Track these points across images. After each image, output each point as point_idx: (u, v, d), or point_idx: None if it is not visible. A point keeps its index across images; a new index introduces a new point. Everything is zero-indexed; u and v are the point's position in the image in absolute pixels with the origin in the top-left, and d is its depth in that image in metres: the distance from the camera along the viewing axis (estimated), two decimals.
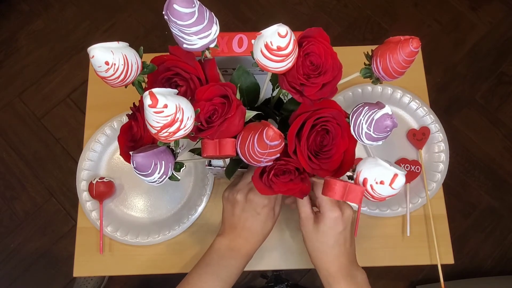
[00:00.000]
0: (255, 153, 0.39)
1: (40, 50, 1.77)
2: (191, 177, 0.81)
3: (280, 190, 0.45)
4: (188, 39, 0.40)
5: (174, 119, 0.34)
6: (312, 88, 0.42)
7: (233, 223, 0.56)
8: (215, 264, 0.55)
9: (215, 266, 0.55)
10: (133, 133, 0.47)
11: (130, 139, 0.47)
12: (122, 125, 0.49)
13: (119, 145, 0.50)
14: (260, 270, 0.96)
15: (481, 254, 1.58)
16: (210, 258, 0.56)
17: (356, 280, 0.51)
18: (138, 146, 0.46)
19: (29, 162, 1.64)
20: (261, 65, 0.40)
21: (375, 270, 1.53)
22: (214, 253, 0.56)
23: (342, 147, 0.44)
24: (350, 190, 0.41)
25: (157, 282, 1.48)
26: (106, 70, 0.38)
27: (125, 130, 0.48)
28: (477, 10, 1.83)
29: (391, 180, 0.38)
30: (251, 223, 0.55)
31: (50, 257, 1.55)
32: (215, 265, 0.55)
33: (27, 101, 1.71)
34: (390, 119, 0.38)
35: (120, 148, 0.49)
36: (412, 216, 0.78)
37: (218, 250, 0.56)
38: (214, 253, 0.56)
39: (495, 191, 1.63)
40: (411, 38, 0.39)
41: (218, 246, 0.56)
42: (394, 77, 0.42)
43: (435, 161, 0.80)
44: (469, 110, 1.72)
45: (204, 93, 0.41)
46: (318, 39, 0.42)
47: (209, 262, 0.56)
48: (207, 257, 0.57)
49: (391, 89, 0.82)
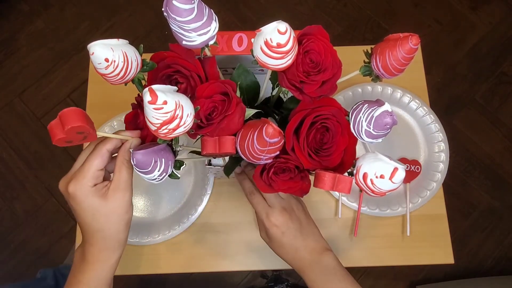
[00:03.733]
0: (255, 151, 0.39)
1: (40, 50, 1.77)
2: (191, 176, 0.81)
3: (280, 188, 0.45)
4: (187, 35, 0.40)
5: (173, 116, 0.34)
6: (311, 86, 0.42)
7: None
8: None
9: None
10: (138, 122, 0.47)
11: (135, 128, 0.47)
12: (126, 115, 0.48)
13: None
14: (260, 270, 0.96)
15: (481, 254, 1.58)
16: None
17: (321, 264, 0.51)
18: (143, 134, 0.46)
19: (29, 162, 1.64)
20: (261, 62, 0.40)
21: (375, 270, 1.53)
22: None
23: (342, 144, 0.44)
24: (340, 181, 0.42)
25: (157, 282, 1.48)
26: (106, 67, 0.38)
27: (129, 119, 0.48)
28: (477, 10, 1.83)
29: (391, 174, 0.38)
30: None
31: (50, 257, 1.55)
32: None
33: (27, 101, 1.71)
34: (389, 116, 0.38)
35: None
36: (412, 216, 0.78)
37: (75, 263, 0.47)
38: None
39: (495, 191, 1.63)
40: (411, 35, 0.39)
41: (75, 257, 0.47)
42: (393, 74, 0.42)
43: (435, 161, 0.80)
44: (469, 110, 1.72)
45: (204, 90, 0.41)
46: (317, 37, 0.42)
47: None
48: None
49: (391, 89, 0.82)
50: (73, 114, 0.36)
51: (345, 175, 0.43)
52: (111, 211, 0.43)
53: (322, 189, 0.43)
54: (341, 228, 0.78)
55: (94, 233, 0.44)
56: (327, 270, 0.51)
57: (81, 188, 0.42)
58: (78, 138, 0.38)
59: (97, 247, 0.45)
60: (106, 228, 0.44)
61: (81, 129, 0.37)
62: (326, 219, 0.79)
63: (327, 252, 0.52)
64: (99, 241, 0.44)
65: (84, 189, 0.42)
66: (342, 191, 0.42)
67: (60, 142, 0.37)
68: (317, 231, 0.55)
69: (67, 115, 0.36)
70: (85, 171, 0.42)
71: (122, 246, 0.47)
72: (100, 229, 0.44)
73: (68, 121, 0.35)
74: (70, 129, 0.36)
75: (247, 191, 0.54)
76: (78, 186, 0.42)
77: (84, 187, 0.42)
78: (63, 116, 0.36)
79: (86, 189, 0.42)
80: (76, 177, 0.42)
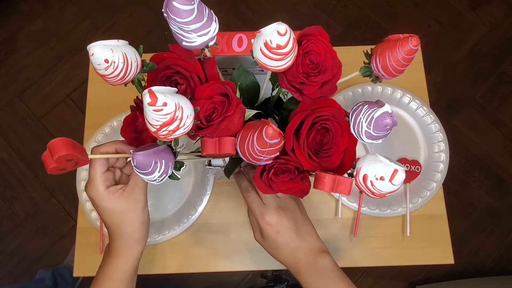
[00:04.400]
0: (255, 152, 0.39)
1: (40, 50, 1.77)
2: (191, 177, 0.81)
3: (280, 189, 0.45)
4: (187, 36, 0.40)
5: (173, 118, 0.34)
6: (311, 87, 0.42)
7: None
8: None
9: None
10: (137, 124, 0.47)
11: (134, 130, 0.47)
12: (125, 117, 0.49)
13: (122, 137, 0.49)
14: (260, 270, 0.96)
15: (481, 254, 1.58)
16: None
17: (317, 266, 0.50)
18: (142, 137, 0.46)
19: (29, 162, 1.65)
20: (261, 63, 0.40)
21: (375, 270, 1.54)
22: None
23: (342, 145, 0.44)
24: (340, 182, 0.42)
25: (157, 282, 1.48)
26: (105, 68, 0.38)
27: (128, 121, 0.48)
28: (477, 10, 1.83)
29: (391, 176, 0.38)
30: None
31: (50, 257, 1.55)
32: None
33: (27, 101, 1.71)
34: (390, 117, 0.38)
35: (125, 140, 0.49)
36: (412, 216, 0.78)
37: (104, 257, 0.51)
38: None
39: (495, 191, 1.63)
40: (410, 36, 0.39)
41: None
42: (393, 75, 0.42)
43: (435, 161, 0.80)
44: (469, 110, 1.72)
45: (204, 91, 0.41)
46: (317, 38, 0.42)
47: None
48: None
49: (391, 89, 0.82)
50: (60, 143, 0.38)
51: (345, 177, 0.43)
52: (126, 211, 0.47)
53: (322, 190, 0.42)
54: (341, 228, 0.78)
55: (114, 231, 0.48)
56: (323, 272, 0.50)
57: (95, 192, 0.46)
58: (69, 165, 0.40)
59: (119, 243, 0.49)
60: (123, 227, 0.48)
61: (69, 157, 0.39)
62: (326, 219, 0.79)
63: (324, 254, 0.51)
64: (119, 238, 0.49)
65: (98, 193, 0.46)
66: (342, 192, 0.42)
67: (54, 171, 0.40)
68: (314, 231, 0.54)
69: (54, 146, 0.38)
70: (92, 177, 0.46)
71: (141, 243, 0.50)
72: (117, 227, 0.48)
73: (55, 151, 0.37)
74: (58, 158, 0.38)
75: (242, 189, 0.54)
76: (92, 190, 0.46)
77: (98, 191, 0.46)
78: (51, 147, 0.38)
79: (99, 192, 0.46)
80: (89, 183, 0.46)
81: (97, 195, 0.46)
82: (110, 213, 0.47)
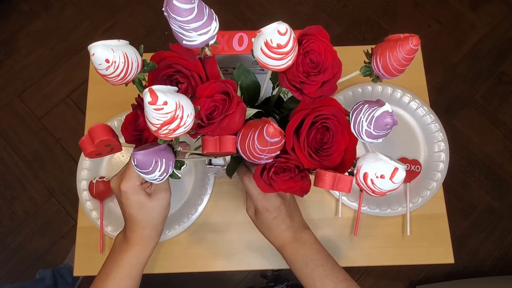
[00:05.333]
0: (256, 150, 0.39)
1: (40, 50, 1.77)
2: (191, 176, 0.81)
3: (281, 187, 0.45)
4: (187, 35, 0.40)
5: (174, 117, 0.34)
6: (312, 86, 0.42)
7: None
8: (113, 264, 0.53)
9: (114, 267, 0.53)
10: (138, 123, 0.48)
11: (135, 129, 0.48)
12: (127, 115, 0.50)
13: (123, 135, 0.50)
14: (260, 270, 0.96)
15: (481, 254, 1.58)
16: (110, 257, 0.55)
17: (301, 241, 0.55)
18: (143, 137, 0.46)
19: (29, 162, 1.65)
20: (261, 63, 0.40)
21: (375, 269, 1.54)
22: (112, 249, 0.55)
23: (343, 144, 0.44)
24: (340, 180, 0.42)
25: (157, 282, 1.48)
26: (106, 68, 0.38)
27: (129, 119, 0.49)
28: (477, 10, 1.83)
29: (391, 174, 0.38)
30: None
31: (50, 257, 1.55)
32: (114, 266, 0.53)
33: (27, 101, 1.71)
34: (390, 117, 0.38)
35: (125, 138, 0.50)
36: (412, 216, 0.78)
37: (115, 246, 0.55)
38: (112, 250, 0.55)
39: (495, 191, 1.63)
40: (411, 36, 0.39)
41: (116, 241, 0.56)
42: (394, 75, 0.42)
43: (435, 161, 0.80)
44: (469, 110, 1.72)
45: (205, 90, 0.41)
46: (317, 37, 0.42)
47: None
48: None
49: (391, 88, 0.82)
50: (101, 129, 0.41)
51: (346, 175, 0.43)
52: (154, 207, 0.51)
53: (322, 188, 0.43)
54: (341, 228, 0.78)
55: (137, 223, 0.52)
56: (305, 244, 0.55)
57: (131, 187, 0.49)
58: (106, 150, 0.43)
59: (139, 234, 0.53)
60: (149, 220, 0.52)
61: (108, 142, 0.42)
62: (326, 218, 0.79)
63: (306, 230, 0.56)
64: (141, 230, 0.52)
65: (133, 188, 0.49)
66: (342, 190, 0.42)
67: (91, 155, 0.42)
68: (299, 211, 0.58)
69: (96, 131, 0.41)
70: (131, 172, 0.49)
71: (159, 236, 0.55)
72: (143, 220, 0.52)
73: (97, 136, 0.41)
74: (99, 142, 0.41)
75: (242, 171, 0.56)
76: (128, 184, 0.49)
77: (133, 186, 0.49)
78: (92, 132, 0.41)
79: (134, 187, 0.49)
80: (126, 177, 0.49)
81: (132, 189, 0.49)
82: (140, 206, 0.50)
